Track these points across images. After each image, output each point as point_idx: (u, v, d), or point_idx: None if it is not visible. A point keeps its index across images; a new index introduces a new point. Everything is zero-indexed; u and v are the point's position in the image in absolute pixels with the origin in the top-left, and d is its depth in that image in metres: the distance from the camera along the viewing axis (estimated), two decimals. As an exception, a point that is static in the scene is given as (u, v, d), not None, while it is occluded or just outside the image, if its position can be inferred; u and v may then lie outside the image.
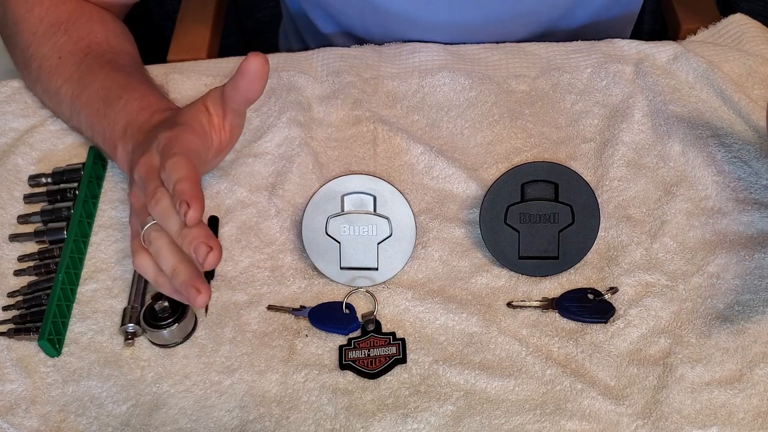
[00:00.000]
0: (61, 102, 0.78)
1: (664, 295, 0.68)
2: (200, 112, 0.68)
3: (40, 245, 0.74)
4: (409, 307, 0.68)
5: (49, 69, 0.78)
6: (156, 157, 0.64)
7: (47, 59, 0.78)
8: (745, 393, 0.62)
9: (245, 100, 0.67)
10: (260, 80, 0.65)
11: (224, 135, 0.70)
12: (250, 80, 0.65)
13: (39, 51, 0.79)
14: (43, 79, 0.79)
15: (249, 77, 0.65)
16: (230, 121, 0.70)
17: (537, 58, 0.87)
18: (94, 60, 0.78)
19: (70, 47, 0.78)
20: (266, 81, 0.65)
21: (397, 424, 0.62)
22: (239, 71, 0.65)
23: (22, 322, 0.68)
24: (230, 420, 0.63)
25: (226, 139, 0.71)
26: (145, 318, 0.66)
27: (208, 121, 0.68)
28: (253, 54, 0.64)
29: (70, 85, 0.77)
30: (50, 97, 0.80)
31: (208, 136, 0.68)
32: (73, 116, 0.78)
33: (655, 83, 0.82)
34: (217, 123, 0.69)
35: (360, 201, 0.69)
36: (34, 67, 0.79)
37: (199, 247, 0.57)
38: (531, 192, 0.69)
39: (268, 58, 0.87)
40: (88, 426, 0.63)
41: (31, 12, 0.80)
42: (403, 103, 0.83)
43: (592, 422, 0.61)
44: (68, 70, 0.77)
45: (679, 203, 0.73)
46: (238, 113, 0.70)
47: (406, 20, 0.88)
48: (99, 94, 0.75)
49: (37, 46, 0.79)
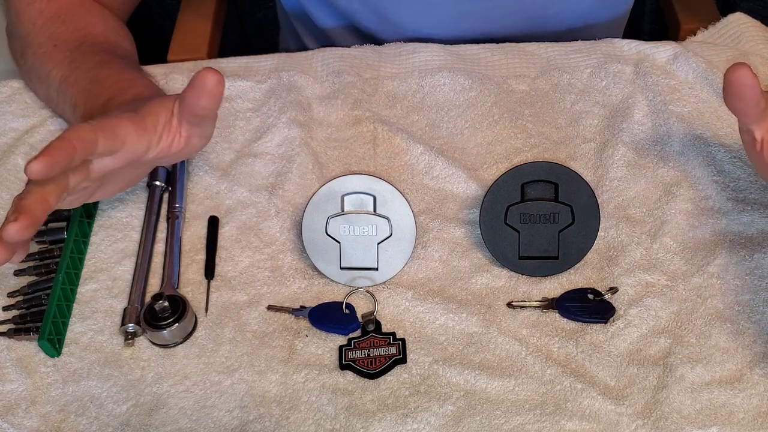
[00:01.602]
0: (50, 85, 0.78)
1: (664, 295, 0.68)
2: (163, 108, 0.65)
3: (40, 245, 0.74)
4: (409, 307, 0.68)
5: (43, 55, 0.78)
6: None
7: (42, 46, 0.79)
8: (745, 393, 0.62)
9: (193, 114, 0.64)
10: (209, 97, 0.62)
11: (178, 140, 0.66)
12: (197, 94, 0.62)
13: (36, 39, 0.79)
14: (36, 66, 0.79)
15: (197, 91, 0.62)
16: (186, 129, 0.66)
17: (537, 58, 0.87)
18: (89, 48, 0.78)
19: (66, 36, 0.79)
20: (218, 98, 0.62)
21: (397, 424, 0.62)
22: (190, 83, 0.62)
23: (22, 322, 0.68)
24: (230, 420, 0.63)
25: (179, 146, 0.67)
26: (145, 318, 0.66)
27: (166, 120, 0.65)
28: (206, 69, 0.61)
29: (60, 68, 0.76)
30: (41, 82, 0.80)
31: (154, 134, 0.65)
32: (60, 98, 0.77)
33: (655, 83, 0.82)
34: (174, 126, 0.66)
35: (360, 201, 0.69)
36: (30, 55, 0.80)
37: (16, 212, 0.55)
38: (531, 192, 0.69)
39: (268, 58, 0.88)
40: (88, 426, 0.63)
41: (32, 5, 0.80)
42: (403, 103, 0.83)
43: (592, 422, 0.61)
44: (61, 55, 0.77)
45: (679, 203, 0.73)
46: (192, 123, 0.66)
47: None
48: (88, 74, 0.74)
49: (34, 35, 0.80)
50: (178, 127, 0.66)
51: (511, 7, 0.90)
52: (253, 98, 0.84)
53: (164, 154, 0.66)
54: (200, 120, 0.65)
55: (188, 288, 0.71)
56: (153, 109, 0.65)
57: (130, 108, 0.65)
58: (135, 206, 0.76)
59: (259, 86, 0.85)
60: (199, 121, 0.66)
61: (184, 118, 0.65)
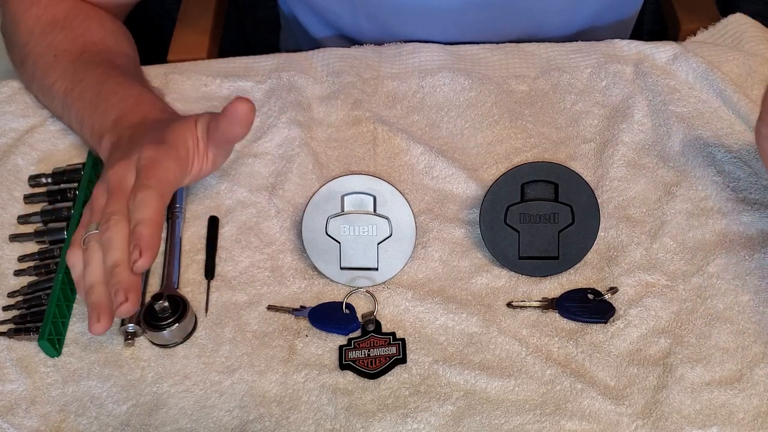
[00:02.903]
0: (54, 98, 0.78)
1: (664, 295, 0.68)
2: (189, 133, 0.67)
3: (40, 245, 0.74)
4: (409, 307, 0.68)
5: (45, 66, 0.78)
6: (132, 172, 0.64)
7: (42, 56, 0.78)
8: (745, 393, 0.62)
9: (226, 141, 0.67)
10: (243, 125, 0.64)
11: (206, 163, 0.69)
12: (232, 123, 0.64)
13: (35, 49, 0.79)
14: (38, 76, 0.79)
15: (231, 120, 0.64)
16: (213, 151, 0.68)
17: (537, 59, 0.87)
18: (90, 58, 0.78)
19: (65, 45, 0.78)
20: (250, 125, 0.64)
21: (397, 424, 0.62)
22: (223, 113, 0.64)
23: (22, 322, 0.68)
24: (230, 420, 0.63)
25: (207, 168, 0.69)
26: (145, 318, 0.66)
27: (194, 144, 0.67)
28: (239, 98, 0.63)
29: (63, 81, 0.76)
30: (44, 94, 0.80)
31: (189, 162, 0.67)
32: (65, 112, 0.77)
33: (654, 83, 0.82)
34: (202, 149, 0.68)
35: (360, 201, 0.69)
36: (30, 65, 0.80)
37: (118, 293, 0.59)
38: (531, 192, 0.69)
39: (268, 58, 0.88)
40: (88, 426, 0.63)
41: (28, 11, 0.80)
42: (403, 104, 0.83)
43: (592, 422, 0.61)
44: (63, 66, 0.77)
45: (679, 203, 0.73)
46: (220, 147, 0.68)
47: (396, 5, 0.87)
48: (93, 88, 0.74)
49: (33, 44, 0.79)
50: (205, 150, 0.68)
51: (518, 15, 0.90)
52: (253, 98, 0.83)
53: (195, 177, 0.69)
54: (229, 146, 0.69)
55: (188, 288, 0.71)
56: (181, 136, 0.67)
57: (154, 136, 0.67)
58: (135, 206, 0.76)
59: (259, 86, 0.85)
60: (228, 147, 0.69)
61: (212, 143, 0.67)
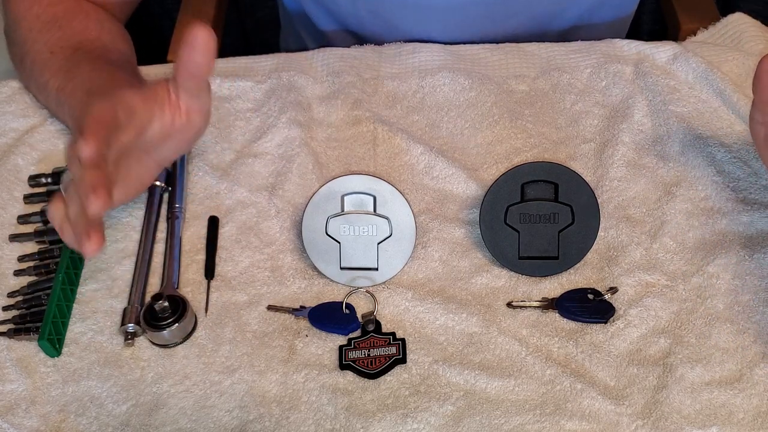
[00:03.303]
0: (48, 95, 0.78)
1: (664, 295, 0.68)
2: (160, 86, 0.66)
3: (40, 245, 0.74)
4: (409, 307, 0.68)
5: (41, 63, 0.78)
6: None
7: (40, 54, 0.79)
8: (745, 393, 0.62)
9: (190, 75, 0.65)
10: (202, 52, 0.63)
11: (179, 116, 0.67)
12: (192, 51, 0.63)
13: (33, 47, 0.79)
14: (35, 74, 0.79)
15: (190, 47, 0.63)
16: (185, 101, 0.67)
17: (537, 59, 0.87)
18: (84, 55, 0.78)
19: (62, 43, 0.78)
20: (211, 54, 0.63)
21: (397, 424, 0.62)
22: (182, 41, 0.63)
23: (22, 322, 0.68)
24: (230, 420, 0.63)
25: (181, 121, 0.67)
26: (145, 318, 0.66)
27: (164, 93, 0.66)
28: (197, 24, 0.62)
29: (57, 78, 0.76)
30: (41, 91, 0.80)
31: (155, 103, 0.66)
32: (59, 109, 0.78)
33: (654, 83, 0.82)
34: (174, 100, 0.66)
35: (360, 201, 0.69)
36: (28, 62, 0.80)
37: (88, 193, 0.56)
38: (531, 192, 0.69)
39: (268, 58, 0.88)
40: (88, 426, 0.63)
41: (29, 10, 0.80)
42: (403, 104, 0.83)
43: (592, 422, 0.61)
44: (57, 64, 0.77)
45: (678, 203, 0.73)
46: (191, 92, 0.67)
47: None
48: (84, 85, 0.74)
49: (32, 42, 0.79)
50: (176, 100, 0.67)
51: (516, 6, 0.90)
52: (253, 98, 0.84)
53: (168, 130, 0.67)
54: (196, 85, 0.66)
55: (188, 288, 0.71)
56: (150, 85, 0.67)
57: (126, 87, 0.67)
58: (135, 206, 0.76)
59: (259, 86, 0.85)
60: (196, 87, 0.67)
61: (180, 85, 0.66)
